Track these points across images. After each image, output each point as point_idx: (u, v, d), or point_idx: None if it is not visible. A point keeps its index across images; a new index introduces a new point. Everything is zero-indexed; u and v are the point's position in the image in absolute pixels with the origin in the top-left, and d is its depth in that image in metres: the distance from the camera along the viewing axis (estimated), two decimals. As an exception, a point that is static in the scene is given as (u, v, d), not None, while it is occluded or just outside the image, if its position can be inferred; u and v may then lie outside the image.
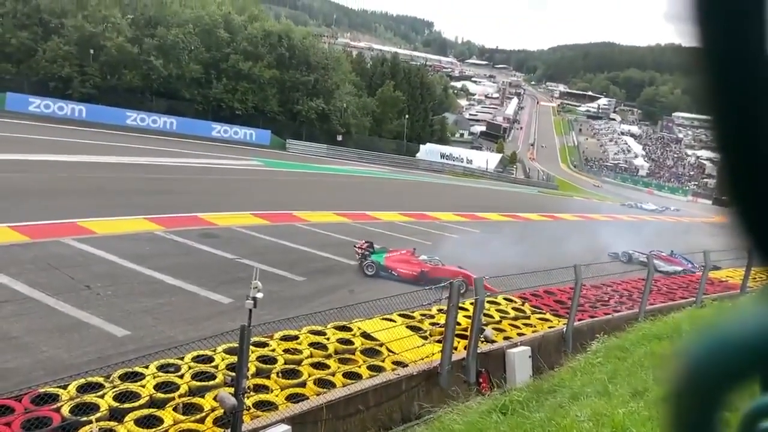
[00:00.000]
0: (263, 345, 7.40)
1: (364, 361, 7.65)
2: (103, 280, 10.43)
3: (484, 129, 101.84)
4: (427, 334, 8.50)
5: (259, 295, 5.61)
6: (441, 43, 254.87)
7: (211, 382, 6.34)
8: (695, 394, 0.35)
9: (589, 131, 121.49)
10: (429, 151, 57.64)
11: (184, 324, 9.13)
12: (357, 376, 7.23)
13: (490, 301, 10.12)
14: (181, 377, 6.36)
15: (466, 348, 8.12)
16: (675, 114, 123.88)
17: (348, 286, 12.75)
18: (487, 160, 61.09)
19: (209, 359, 6.80)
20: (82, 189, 17.84)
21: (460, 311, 8.13)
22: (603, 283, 13.56)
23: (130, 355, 7.00)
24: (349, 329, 8.35)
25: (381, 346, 8.08)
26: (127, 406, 5.71)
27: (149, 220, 15.08)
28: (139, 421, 5.55)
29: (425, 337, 8.41)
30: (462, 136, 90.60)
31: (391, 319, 8.72)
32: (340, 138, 50.78)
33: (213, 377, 6.43)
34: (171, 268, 11.70)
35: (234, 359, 5.98)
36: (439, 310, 8.95)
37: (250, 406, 5.97)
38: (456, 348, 8.07)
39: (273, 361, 7.09)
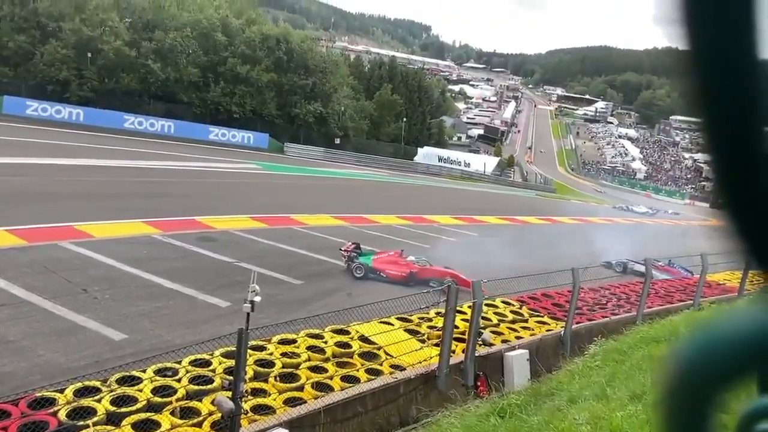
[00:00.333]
0: (261, 348, 7.38)
1: (362, 365, 7.63)
2: (101, 284, 10.41)
3: (481, 132, 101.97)
4: (425, 337, 8.49)
5: (257, 298, 5.60)
6: (438, 46, 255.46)
7: (208, 386, 6.32)
8: (688, 393, 0.35)
9: (586, 134, 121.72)
10: (427, 154, 57.67)
11: (182, 328, 9.11)
12: (355, 380, 7.21)
13: (488, 305, 10.12)
14: (178, 381, 6.34)
15: (464, 351, 8.12)
16: (672, 117, 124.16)
17: (346, 289, 12.74)
18: (484, 163, 61.14)
19: (207, 363, 6.78)
20: (80, 192, 17.81)
21: (458, 315, 8.13)
22: (601, 287, 13.58)
23: (127, 359, 6.98)
24: (347, 333, 8.34)
25: (379, 349, 8.07)
26: (124, 410, 5.69)
27: (147, 223, 15.05)
28: (137, 425, 5.53)
29: (423, 341, 8.40)
30: (460, 139, 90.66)
31: (389, 323, 8.70)
32: (338, 141, 50.80)
33: (210, 381, 6.42)
34: (168, 271, 11.68)
35: (232, 363, 5.97)
36: (437, 314, 8.95)
37: (247, 410, 5.96)
38: (454, 351, 8.07)
39: (271, 364, 7.08)
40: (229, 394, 5.64)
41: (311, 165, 40.12)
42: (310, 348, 7.70)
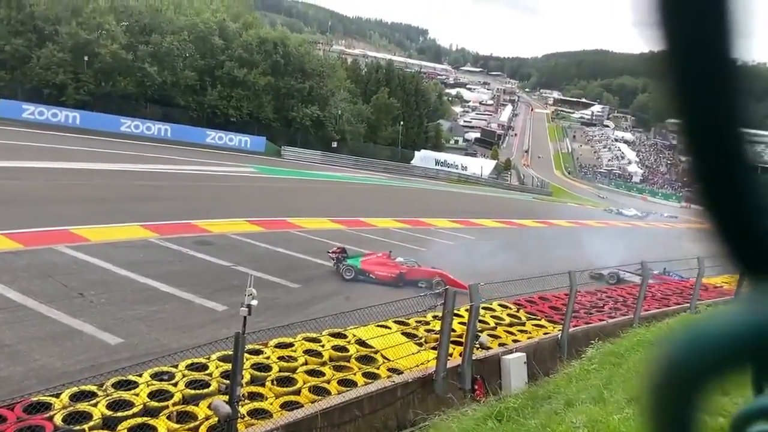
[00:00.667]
0: (258, 353, 7.37)
1: (360, 369, 7.62)
2: (97, 288, 10.38)
3: (478, 136, 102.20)
4: (423, 341, 8.48)
5: (254, 302, 5.60)
6: (435, 50, 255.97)
7: (205, 390, 6.30)
8: (671, 390, 0.35)
9: (583, 138, 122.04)
10: (424, 157, 57.76)
11: (178, 332, 9.09)
12: (352, 384, 7.20)
13: (485, 308, 10.12)
14: (175, 385, 6.32)
15: (461, 355, 8.11)
16: (668, 120, 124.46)
17: (343, 293, 12.74)
18: (481, 166, 61.26)
19: (203, 367, 6.76)
20: (76, 196, 17.77)
21: (455, 318, 8.13)
22: (598, 289, 13.59)
23: (123, 363, 6.96)
24: (344, 336, 8.33)
25: (376, 353, 8.06)
26: (120, 414, 5.66)
27: (143, 227, 15.02)
28: (133, 430, 5.52)
29: (420, 344, 8.39)
30: (457, 142, 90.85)
31: (386, 326, 8.70)
32: (335, 145, 50.80)
33: (207, 385, 6.40)
34: (165, 275, 11.65)
35: (228, 367, 5.96)
36: (435, 317, 8.94)
37: (244, 414, 5.94)
38: (451, 355, 8.06)
39: (268, 368, 7.06)
40: (226, 398, 5.63)
41: (308, 168, 40.10)
42: (307, 352, 7.69)
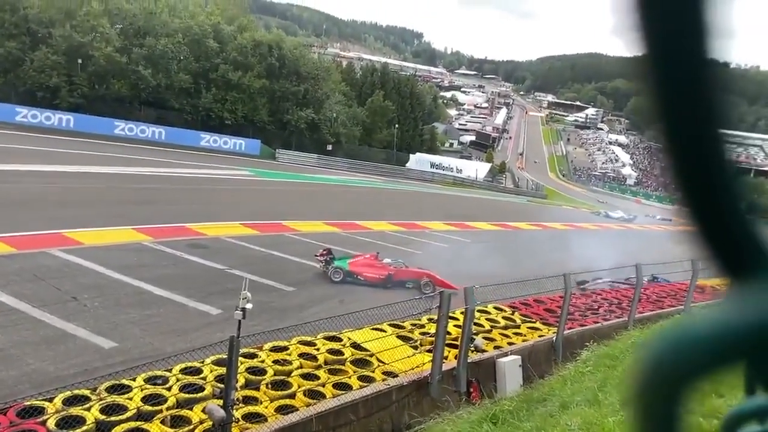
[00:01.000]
0: (252, 356, 7.34)
1: (355, 372, 7.61)
2: (90, 292, 10.33)
3: (473, 139, 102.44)
4: (418, 343, 8.48)
5: (249, 305, 5.59)
6: (430, 53, 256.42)
7: (199, 394, 6.27)
8: (656, 389, 0.35)
9: (577, 141, 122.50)
10: (419, 160, 57.82)
11: (173, 335, 9.05)
12: (347, 387, 7.19)
13: (481, 310, 10.12)
14: (169, 389, 6.29)
15: (456, 357, 8.11)
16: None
17: (338, 296, 12.72)
18: (476, 169, 61.35)
19: (198, 371, 6.74)
20: (69, 199, 17.69)
21: (450, 321, 8.13)
22: (593, 292, 13.62)
23: (117, 367, 6.92)
24: (339, 339, 8.31)
25: (371, 356, 8.05)
26: (113, 419, 5.63)
27: (137, 230, 14.97)
28: (126, 435, 5.48)
29: (415, 347, 8.39)
30: (451, 145, 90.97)
31: (381, 329, 8.69)
32: (330, 148, 50.80)
33: (201, 389, 6.37)
34: (159, 278, 11.61)
35: (223, 371, 5.93)
36: (430, 320, 8.94)
37: (239, 418, 5.92)
38: (446, 358, 8.06)
39: (262, 372, 7.04)
40: (221, 402, 5.61)
41: (303, 171, 40.07)
42: (302, 355, 7.66)
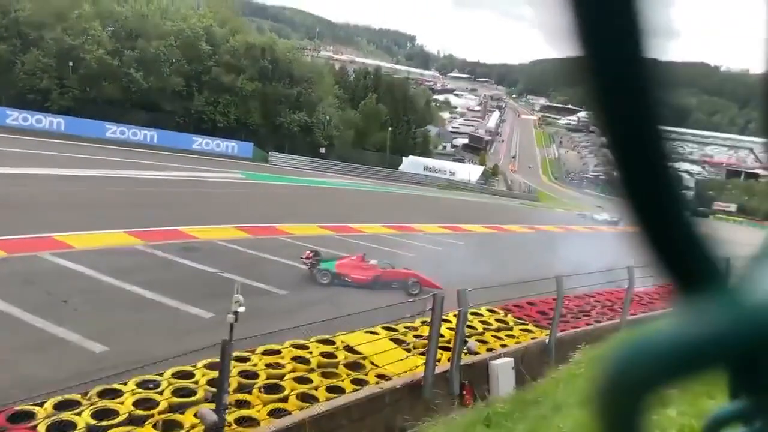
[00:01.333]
0: (245, 360, 7.31)
1: (348, 375, 7.59)
2: (81, 295, 10.26)
3: (466, 142, 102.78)
4: (411, 346, 8.47)
5: (241, 309, 5.56)
6: (423, 56, 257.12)
7: (191, 398, 6.24)
8: (615, 400, 0.36)
9: (569, 144, 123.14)
10: (412, 163, 57.89)
11: (164, 339, 8.99)
12: (340, 390, 7.17)
13: (474, 313, 10.13)
14: (160, 393, 6.26)
15: (449, 360, 8.11)
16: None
17: (331, 299, 12.69)
18: (469, 172, 61.52)
19: (190, 375, 6.70)
20: (60, 202, 17.57)
21: (443, 323, 8.13)
22: (586, 294, 13.66)
23: (108, 371, 6.85)
24: (332, 343, 8.29)
25: (364, 359, 8.04)
26: (105, 423, 5.59)
27: (129, 233, 14.89)
28: (118, 439, 5.44)
29: (409, 350, 8.38)
30: (444, 148, 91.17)
31: (374, 332, 8.68)
32: (323, 150, 50.77)
33: (193, 393, 6.34)
34: (151, 282, 11.55)
35: (215, 374, 5.90)
36: (423, 323, 8.94)
37: (231, 422, 5.89)
38: (440, 360, 8.05)
39: (255, 375, 7.01)
40: (213, 406, 5.58)
41: (296, 174, 40.03)
42: (294, 359, 7.64)
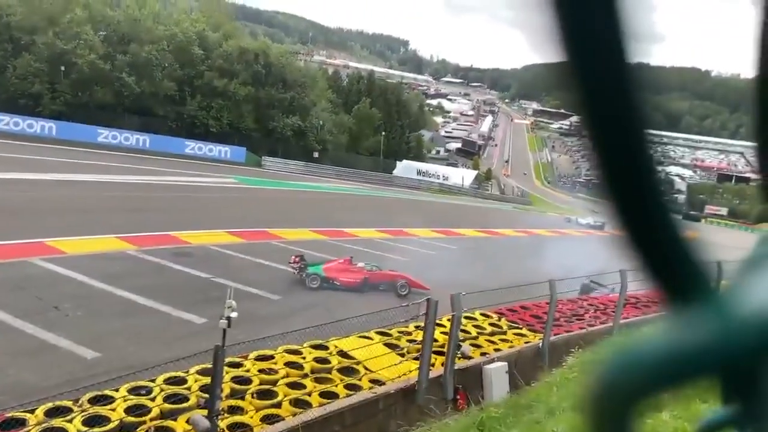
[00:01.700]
0: (238, 365, 7.27)
1: (341, 380, 7.56)
2: (72, 301, 10.19)
3: (459, 146, 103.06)
4: (405, 351, 8.46)
5: (234, 314, 5.54)
6: (416, 61, 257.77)
7: (184, 405, 6.19)
8: (605, 408, 0.35)
9: (562, 148, 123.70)
10: (405, 167, 58.00)
11: (156, 345, 8.94)
12: (334, 396, 7.14)
13: (467, 317, 10.13)
14: (152, 400, 6.20)
15: (443, 365, 8.10)
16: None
17: (324, 303, 12.66)
18: (462, 176, 61.69)
19: (182, 381, 6.65)
20: (51, 207, 17.46)
21: (437, 327, 8.12)
22: (579, 298, 13.70)
23: (100, 377, 6.81)
24: (325, 348, 8.26)
25: (358, 364, 8.01)
26: (96, 430, 5.54)
27: (121, 239, 14.81)
28: (109, 447, 5.39)
29: (403, 355, 8.37)
30: (438, 153, 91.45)
31: (368, 337, 8.65)
32: (316, 155, 50.77)
33: (186, 399, 6.29)
34: (143, 287, 11.48)
35: (208, 380, 5.87)
36: (417, 327, 8.92)
37: (224, 429, 5.85)
38: (433, 365, 8.04)
39: (248, 381, 6.97)
40: (205, 412, 5.54)
41: (289, 179, 39.97)
42: (288, 364, 7.60)
